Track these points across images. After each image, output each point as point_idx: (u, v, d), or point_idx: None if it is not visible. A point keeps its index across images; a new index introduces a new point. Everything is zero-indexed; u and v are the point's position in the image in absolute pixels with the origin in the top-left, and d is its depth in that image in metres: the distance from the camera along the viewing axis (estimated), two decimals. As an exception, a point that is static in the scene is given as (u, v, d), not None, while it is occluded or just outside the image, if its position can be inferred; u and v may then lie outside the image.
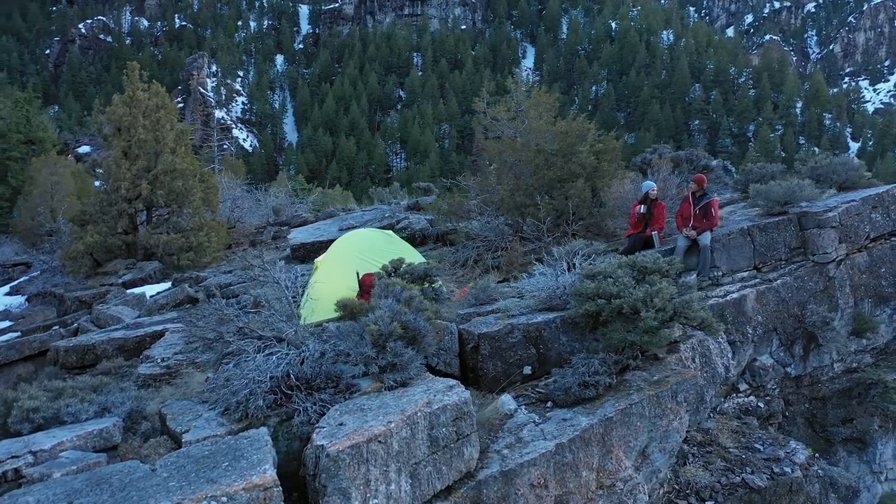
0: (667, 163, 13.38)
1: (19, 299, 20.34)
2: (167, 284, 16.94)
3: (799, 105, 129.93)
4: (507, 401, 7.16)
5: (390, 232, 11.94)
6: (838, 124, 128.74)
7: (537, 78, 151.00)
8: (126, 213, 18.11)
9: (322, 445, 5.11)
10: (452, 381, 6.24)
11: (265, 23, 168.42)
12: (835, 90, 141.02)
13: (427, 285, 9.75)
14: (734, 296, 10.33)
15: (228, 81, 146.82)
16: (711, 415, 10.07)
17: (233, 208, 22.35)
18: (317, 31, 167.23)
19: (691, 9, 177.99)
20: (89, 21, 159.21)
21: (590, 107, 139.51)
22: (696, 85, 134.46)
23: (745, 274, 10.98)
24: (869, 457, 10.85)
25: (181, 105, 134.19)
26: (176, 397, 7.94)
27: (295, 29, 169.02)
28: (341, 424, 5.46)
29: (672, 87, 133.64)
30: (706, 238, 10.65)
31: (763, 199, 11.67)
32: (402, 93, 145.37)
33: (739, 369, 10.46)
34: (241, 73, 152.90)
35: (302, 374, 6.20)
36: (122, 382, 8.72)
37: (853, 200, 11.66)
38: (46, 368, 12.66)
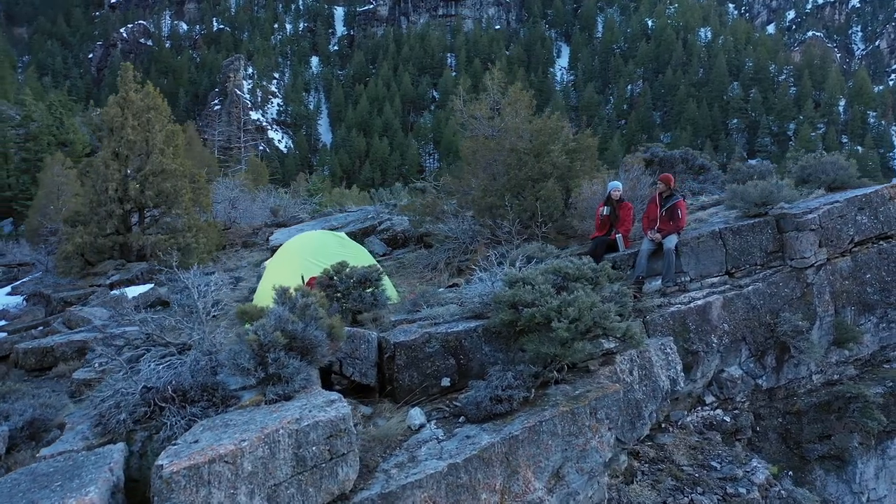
0: (638, 162, 12.78)
1: (18, 299, 20.52)
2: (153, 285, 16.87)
3: (842, 103, 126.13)
4: (415, 415, 6.75)
5: (342, 234, 11.59)
6: (883, 122, 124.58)
7: (572, 77, 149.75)
8: (116, 213, 18.08)
9: (161, 465, 4.76)
10: (335, 396, 5.84)
11: (301, 25, 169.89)
12: (880, 87, 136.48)
13: (368, 289, 9.40)
14: (699, 303, 9.74)
15: (264, 83, 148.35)
16: (670, 429, 9.52)
17: (230, 209, 22.28)
18: (351, 33, 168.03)
19: (730, 5, 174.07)
20: (130, 25, 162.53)
21: (625, 106, 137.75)
22: (735, 83, 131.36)
23: (715, 280, 10.35)
24: (848, 476, 10.13)
25: (218, 107, 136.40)
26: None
27: (330, 31, 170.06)
28: (196, 441, 5.11)
29: (709, 86, 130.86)
30: (671, 241, 10.06)
31: (740, 200, 11.02)
32: (435, 93, 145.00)
33: (705, 381, 9.87)
34: (276, 75, 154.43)
35: (180, 386, 5.87)
36: (38, 388, 8.51)
37: (836, 201, 10.93)
38: (13, 370, 12.62)
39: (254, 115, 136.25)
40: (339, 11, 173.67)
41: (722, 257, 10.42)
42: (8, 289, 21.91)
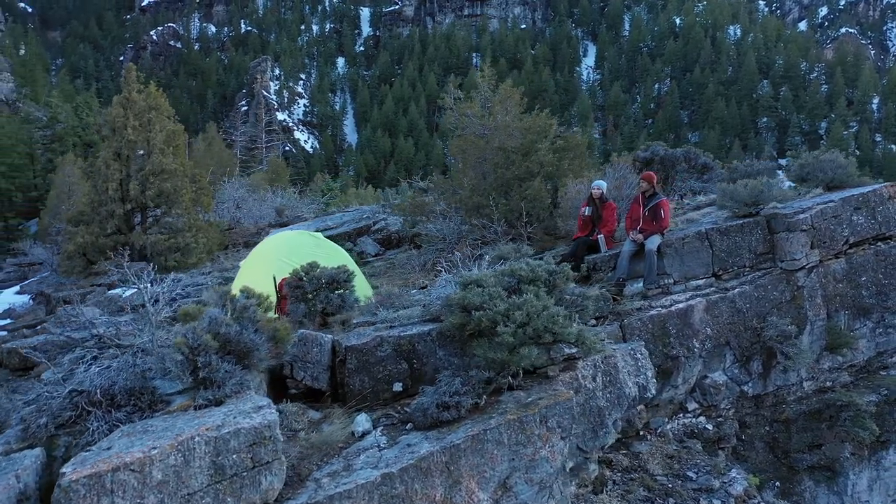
0: (626, 160, 12.42)
1: (25, 298, 20.74)
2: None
3: (875, 101, 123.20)
4: (360, 421, 6.54)
5: (319, 234, 11.41)
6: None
7: (599, 76, 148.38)
8: (117, 213, 18.14)
9: (63, 473, 4.61)
10: (264, 402, 5.66)
11: (327, 26, 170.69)
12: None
13: (338, 291, 9.23)
14: (680, 306, 9.38)
15: (291, 84, 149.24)
16: (648, 437, 9.20)
17: (234, 209, 22.27)
18: (377, 34, 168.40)
19: (761, 2, 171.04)
20: (160, 28, 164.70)
21: (652, 105, 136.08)
22: (765, 81, 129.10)
23: (700, 282, 9.99)
24: (840, 487, 9.70)
25: (245, 108, 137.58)
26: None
27: (356, 31, 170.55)
28: (109, 448, 4.96)
29: (739, 84, 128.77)
30: (653, 242, 9.74)
31: (730, 199, 10.63)
32: (461, 93, 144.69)
33: (687, 387, 9.52)
34: (303, 76, 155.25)
35: (110, 390, 5.72)
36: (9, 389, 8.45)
37: (831, 201, 10.50)
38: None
39: (280, 116, 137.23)
40: (364, 12, 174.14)
41: (708, 259, 10.06)
42: (17, 287, 22.19)
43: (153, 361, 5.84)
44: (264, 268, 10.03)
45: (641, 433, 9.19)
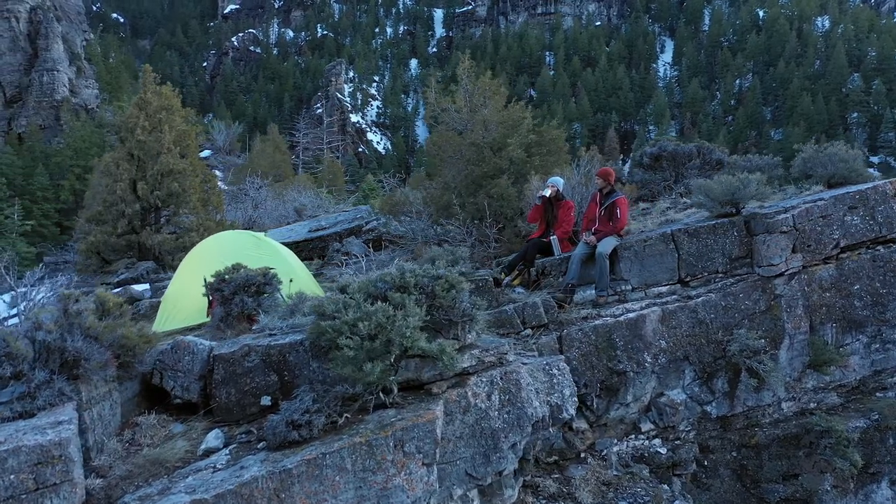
0: (594, 153, 11.44)
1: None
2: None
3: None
4: (211, 437, 6.03)
5: (261, 235, 10.96)
6: None
7: (676, 73, 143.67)
8: (127, 213, 18.30)
9: None
10: (66, 416, 5.19)
11: (401, 28, 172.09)
12: None
13: (261, 295, 8.76)
14: (631, 315, 8.46)
15: (364, 86, 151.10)
16: (589, 460, 8.32)
17: (252, 208, 22.19)
18: (450, 35, 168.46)
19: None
20: (241, 34, 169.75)
21: (732, 101, 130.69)
22: (855, 74, 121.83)
23: (663, 289, 9.03)
24: (819, 524, 8.54)
25: (319, 110, 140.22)
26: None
27: (429, 33, 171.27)
28: None
29: (826, 78, 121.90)
30: (605, 245, 8.85)
31: (705, 197, 9.59)
32: (532, 92, 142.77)
33: (641, 405, 8.58)
34: (376, 78, 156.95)
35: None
36: None
37: (820, 199, 9.30)
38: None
39: (354, 118, 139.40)
40: (438, 14, 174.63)
41: (673, 263, 9.07)
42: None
43: None
44: (200, 269, 9.65)
45: (582, 455, 8.33)
